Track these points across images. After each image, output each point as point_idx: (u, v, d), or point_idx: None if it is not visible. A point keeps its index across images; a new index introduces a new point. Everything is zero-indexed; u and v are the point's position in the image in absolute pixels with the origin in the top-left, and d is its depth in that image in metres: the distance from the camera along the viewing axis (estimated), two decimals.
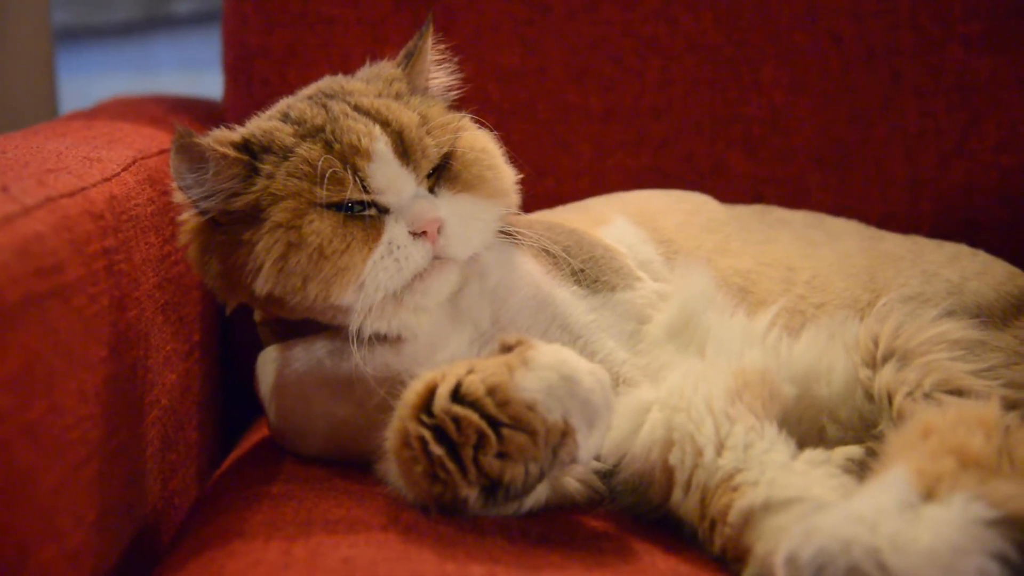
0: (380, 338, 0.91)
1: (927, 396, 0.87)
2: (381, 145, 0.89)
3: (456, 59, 1.29)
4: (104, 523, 0.82)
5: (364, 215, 0.89)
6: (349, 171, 0.88)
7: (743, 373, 0.87)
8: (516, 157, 1.29)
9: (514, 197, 0.97)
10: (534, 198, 1.22)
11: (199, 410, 1.11)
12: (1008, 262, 1.04)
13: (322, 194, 0.87)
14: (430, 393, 0.82)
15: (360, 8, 1.28)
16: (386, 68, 0.99)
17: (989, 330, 0.94)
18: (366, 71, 1.00)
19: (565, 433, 0.80)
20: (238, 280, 0.90)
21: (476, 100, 1.29)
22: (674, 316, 0.95)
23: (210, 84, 1.40)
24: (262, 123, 0.93)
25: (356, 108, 0.92)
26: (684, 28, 1.28)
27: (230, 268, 0.90)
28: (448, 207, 0.91)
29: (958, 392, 0.87)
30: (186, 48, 1.93)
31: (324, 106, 0.93)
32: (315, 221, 0.87)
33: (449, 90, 1.02)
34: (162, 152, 1.10)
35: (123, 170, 0.96)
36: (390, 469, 0.86)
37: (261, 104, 1.27)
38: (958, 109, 1.25)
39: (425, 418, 0.81)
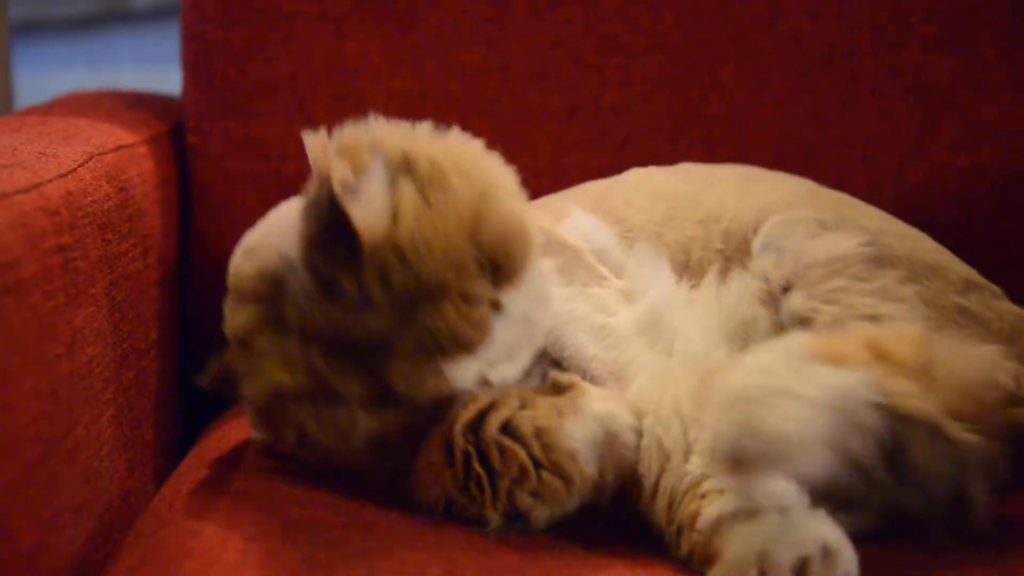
0: None
1: (840, 323, 0.88)
2: None
3: (418, 57, 1.29)
4: (59, 522, 0.81)
5: None
6: None
7: (709, 374, 0.87)
8: None
9: None
10: None
11: (156, 408, 1.10)
12: (964, 262, 1.05)
13: None
14: (480, 416, 0.83)
15: (322, 3, 1.28)
16: None
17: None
18: None
19: (596, 486, 0.82)
20: None
21: (438, 98, 1.29)
22: (644, 314, 0.95)
23: (169, 79, 1.39)
24: None
25: None
26: (645, 27, 1.28)
27: None
28: None
29: (867, 318, 0.88)
30: (145, 43, 1.91)
31: None
32: None
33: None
34: (119, 148, 1.09)
35: (79, 166, 0.95)
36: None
37: (221, 100, 1.27)
38: (916, 110, 1.27)
39: (471, 437, 0.82)
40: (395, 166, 0.82)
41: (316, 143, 0.83)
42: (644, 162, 1.28)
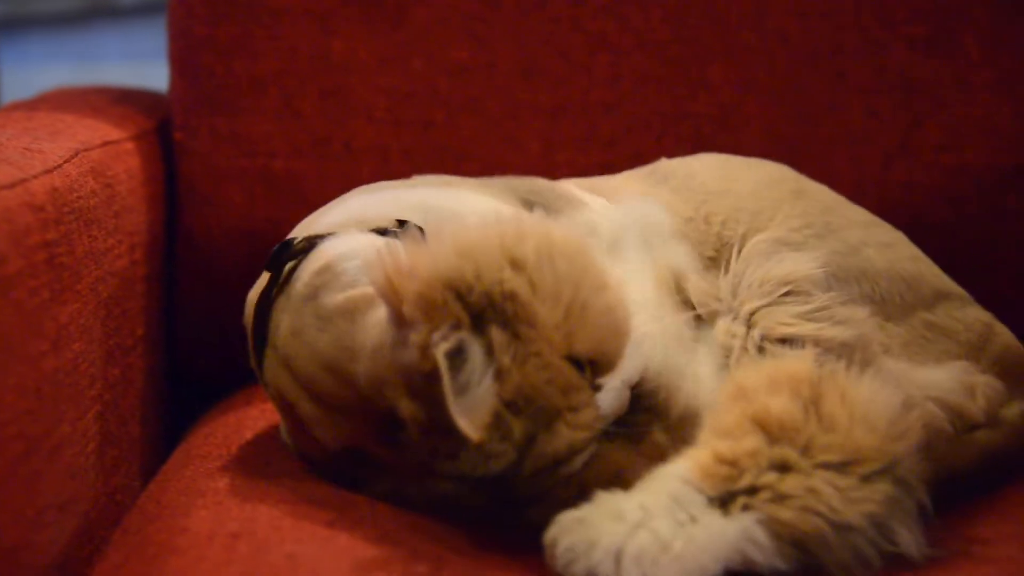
0: None
1: (760, 349, 0.86)
2: None
3: (406, 54, 1.29)
4: (43, 520, 0.81)
5: None
6: None
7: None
8: (466, 153, 1.29)
9: None
10: None
11: (142, 405, 1.10)
12: (947, 261, 1.05)
13: None
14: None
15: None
16: None
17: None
18: None
19: None
20: None
21: (426, 95, 1.29)
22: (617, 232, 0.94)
23: (156, 76, 1.39)
24: None
25: None
26: (633, 25, 1.28)
27: None
28: None
29: (784, 341, 0.87)
30: (131, 39, 1.90)
31: None
32: None
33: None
34: (105, 144, 1.09)
35: (65, 162, 0.95)
36: None
37: (208, 96, 1.27)
38: (901, 109, 1.27)
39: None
40: (479, 314, 0.76)
41: (391, 296, 0.77)
42: (632, 159, 1.28)
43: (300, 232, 0.94)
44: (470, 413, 0.74)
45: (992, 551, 0.80)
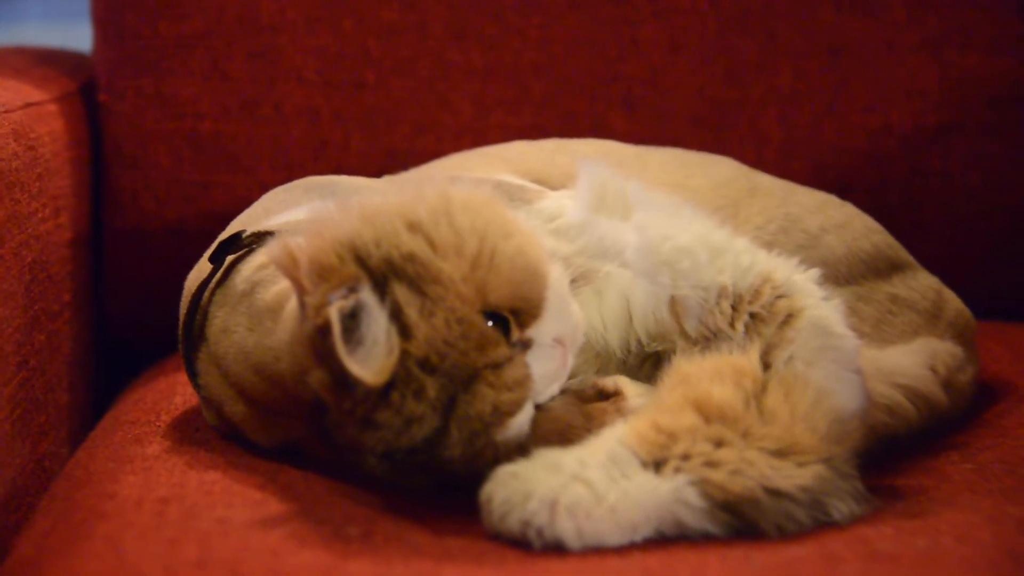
0: None
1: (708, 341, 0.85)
2: None
3: (335, 14, 1.27)
4: None
5: None
6: None
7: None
8: (397, 114, 1.28)
9: None
10: (414, 156, 1.22)
11: (70, 371, 1.09)
12: (887, 231, 1.06)
13: None
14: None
15: None
16: None
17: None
18: None
19: None
20: None
21: (356, 56, 1.28)
22: (589, 192, 0.91)
23: (79, 37, 1.36)
24: None
25: None
26: None
27: None
28: None
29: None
30: None
31: None
32: None
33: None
34: (27, 106, 1.07)
35: None
36: None
37: (133, 57, 1.24)
38: (829, 70, 1.28)
39: None
40: (381, 276, 0.75)
41: (288, 264, 0.76)
42: (564, 120, 1.29)
43: (246, 224, 0.91)
44: (366, 361, 0.73)
45: (915, 507, 0.82)
